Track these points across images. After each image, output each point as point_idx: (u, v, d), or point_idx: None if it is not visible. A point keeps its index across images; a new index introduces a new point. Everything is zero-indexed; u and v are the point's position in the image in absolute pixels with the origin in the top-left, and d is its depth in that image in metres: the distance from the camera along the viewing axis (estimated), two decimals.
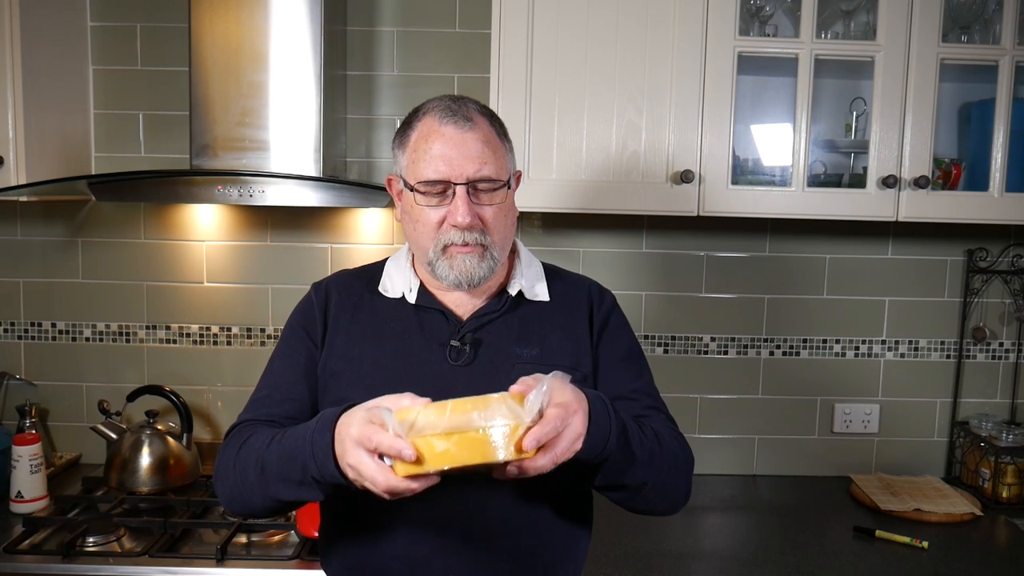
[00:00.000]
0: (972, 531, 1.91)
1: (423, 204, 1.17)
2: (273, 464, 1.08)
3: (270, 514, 1.18)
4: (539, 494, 1.19)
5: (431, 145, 1.16)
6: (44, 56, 1.92)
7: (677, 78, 1.82)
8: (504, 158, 1.20)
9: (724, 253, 2.21)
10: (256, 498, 1.12)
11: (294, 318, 1.30)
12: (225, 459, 1.17)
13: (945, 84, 1.96)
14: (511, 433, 0.91)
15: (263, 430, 1.15)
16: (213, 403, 2.23)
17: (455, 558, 1.17)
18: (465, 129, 1.16)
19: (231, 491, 1.15)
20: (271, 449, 1.09)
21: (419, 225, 1.19)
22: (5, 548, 1.69)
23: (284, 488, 1.07)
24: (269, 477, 1.08)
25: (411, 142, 1.19)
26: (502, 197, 1.19)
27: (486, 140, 1.17)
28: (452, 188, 1.15)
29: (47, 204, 2.16)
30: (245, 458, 1.12)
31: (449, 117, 1.17)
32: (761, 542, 1.82)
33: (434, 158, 1.15)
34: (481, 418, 0.91)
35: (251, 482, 1.11)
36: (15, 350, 2.21)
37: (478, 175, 1.15)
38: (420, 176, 1.16)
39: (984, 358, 2.25)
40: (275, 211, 2.17)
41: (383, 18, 2.13)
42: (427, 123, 1.18)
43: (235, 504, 1.17)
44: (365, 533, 1.20)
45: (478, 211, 1.16)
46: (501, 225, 1.20)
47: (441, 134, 1.16)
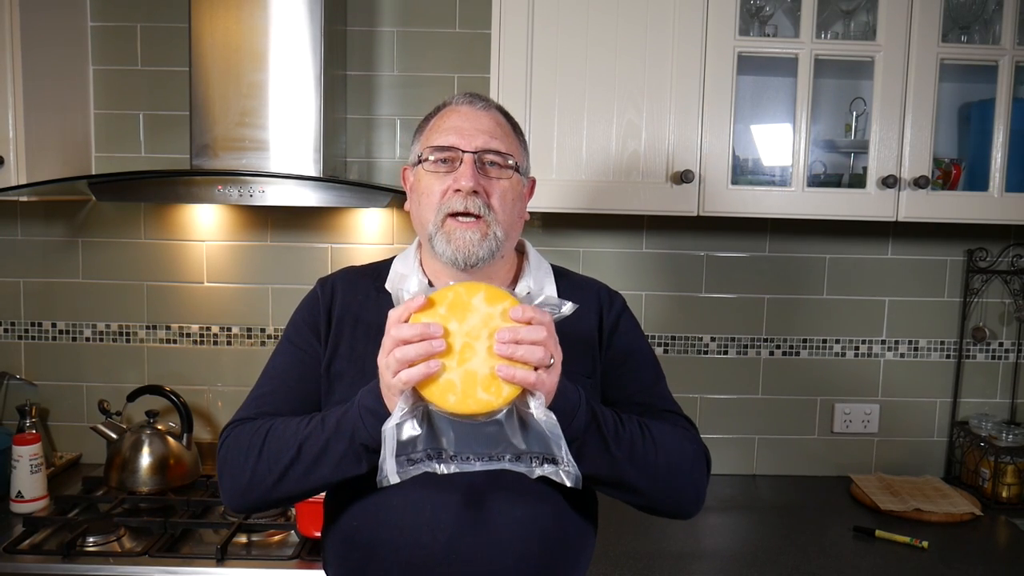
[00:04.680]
0: (972, 531, 1.91)
1: (430, 171, 1.19)
2: (314, 442, 1.09)
3: (284, 504, 1.18)
4: (549, 498, 1.18)
5: (445, 120, 1.22)
6: (44, 56, 1.92)
7: (677, 78, 1.82)
8: (516, 147, 1.24)
9: (724, 253, 2.21)
10: (284, 485, 1.11)
11: (299, 314, 1.29)
12: (238, 453, 1.15)
13: (945, 84, 1.96)
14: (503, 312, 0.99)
15: (285, 419, 1.15)
16: (213, 403, 2.23)
17: (461, 559, 1.15)
18: (479, 108, 1.22)
19: (245, 484, 1.14)
20: (310, 428, 1.10)
21: (423, 198, 1.20)
22: (5, 548, 1.69)
23: (323, 466, 1.08)
24: (306, 458, 1.09)
25: (429, 125, 1.24)
26: (510, 177, 1.20)
27: (499, 123, 1.22)
28: (460, 157, 1.17)
29: (47, 204, 2.16)
30: (275, 445, 1.12)
31: (466, 99, 1.23)
32: (761, 542, 1.82)
33: (446, 130, 1.20)
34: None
35: (281, 468, 1.10)
36: (15, 350, 2.21)
37: (487, 146, 1.18)
38: (431, 143, 1.20)
39: (984, 358, 2.25)
40: (275, 211, 2.17)
41: (383, 18, 2.13)
42: (445, 109, 1.24)
43: (246, 498, 1.15)
44: (369, 535, 1.18)
45: (484, 183, 1.18)
46: (508, 207, 1.20)
47: (456, 111, 1.22)
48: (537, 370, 0.96)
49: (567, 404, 1.04)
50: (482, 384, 0.96)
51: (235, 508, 1.18)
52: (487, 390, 0.96)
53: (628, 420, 1.14)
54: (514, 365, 0.95)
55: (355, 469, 1.08)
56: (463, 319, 0.98)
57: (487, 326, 0.97)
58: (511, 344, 0.95)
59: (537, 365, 0.96)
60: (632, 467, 1.12)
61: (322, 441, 1.09)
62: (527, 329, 0.96)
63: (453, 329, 0.97)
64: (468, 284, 1.00)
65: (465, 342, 0.97)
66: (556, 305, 1.00)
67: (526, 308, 0.97)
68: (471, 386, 0.96)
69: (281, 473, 1.11)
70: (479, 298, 0.98)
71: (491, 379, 0.96)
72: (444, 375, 0.96)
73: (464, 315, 0.98)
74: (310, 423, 1.11)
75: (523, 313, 0.97)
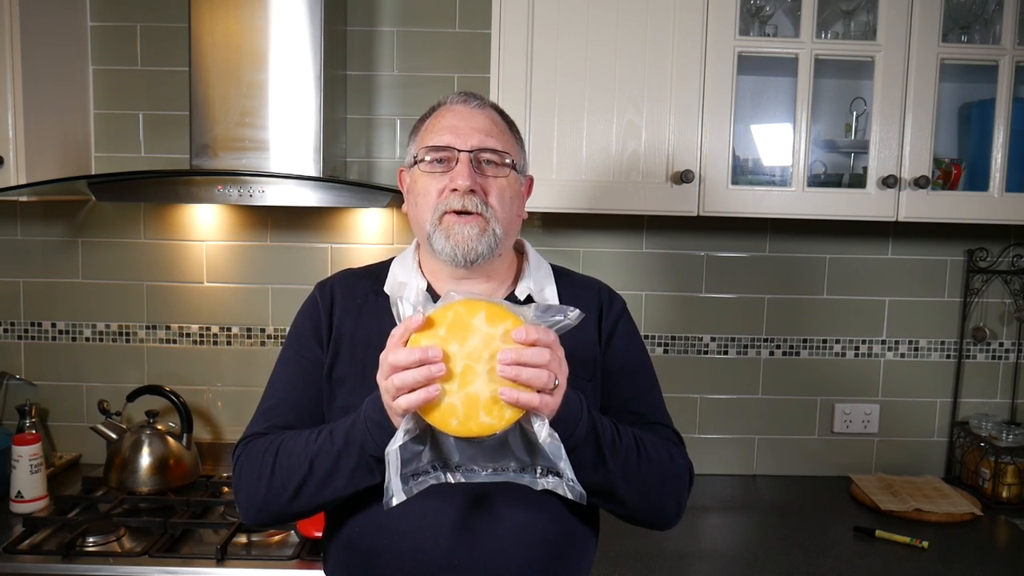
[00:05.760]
0: (972, 531, 1.91)
1: (426, 171, 1.19)
2: (325, 457, 1.09)
3: (304, 516, 1.18)
4: (549, 506, 1.17)
5: (440, 120, 1.21)
6: (44, 56, 1.92)
7: (677, 78, 1.82)
8: (513, 144, 1.23)
9: (724, 253, 2.21)
10: (300, 500, 1.12)
11: (299, 321, 1.29)
12: (251, 471, 1.15)
13: (945, 84, 1.96)
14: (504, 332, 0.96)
15: (294, 434, 1.15)
16: (213, 403, 2.23)
17: (462, 566, 1.15)
18: (475, 107, 1.22)
19: (261, 501, 1.14)
20: (319, 443, 1.10)
21: (420, 198, 1.20)
22: (5, 548, 1.69)
23: (336, 480, 1.08)
24: (319, 473, 1.09)
25: (424, 125, 1.24)
26: (507, 174, 1.20)
27: (494, 121, 1.22)
28: (456, 156, 1.17)
29: (47, 204, 2.16)
30: (287, 462, 1.12)
31: (461, 98, 1.23)
32: (761, 542, 1.82)
33: (442, 129, 1.20)
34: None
35: (295, 485, 1.11)
36: (15, 350, 2.21)
37: (483, 145, 1.18)
38: (426, 143, 1.20)
39: (984, 358, 2.25)
40: (275, 211, 2.17)
41: (383, 18, 2.13)
42: (441, 109, 1.24)
43: (264, 514, 1.15)
44: (370, 541, 1.18)
45: (481, 182, 1.17)
46: (506, 205, 1.19)
47: (452, 110, 1.22)
48: (541, 392, 0.95)
49: (569, 415, 1.03)
50: (484, 408, 0.94)
51: (254, 524, 1.18)
52: (489, 414, 0.94)
53: (624, 432, 1.14)
54: (517, 388, 0.93)
55: (368, 480, 1.09)
56: (464, 341, 0.95)
57: (488, 347, 0.95)
58: (514, 366, 0.93)
59: (541, 389, 0.94)
60: (624, 480, 1.12)
61: (333, 456, 1.09)
62: (531, 352, 0.94)
63: (453, 351, 0.95)
64: (468, 302, 0.97)
65: (466, 364, 0.95)
66: (561, 311, 0.98)
67: (530, 329, 0.94)
68: (473, 409, 0.94)
69: (296, 490, 1.11)
70: (480, 318, 0.96)
71: (493, 402, 0.94)
72: (446, 399, 0.95)
73: (465, 336, 0.95)
74: (319, 437, 1.11)
75: (527, 335, 0.94)
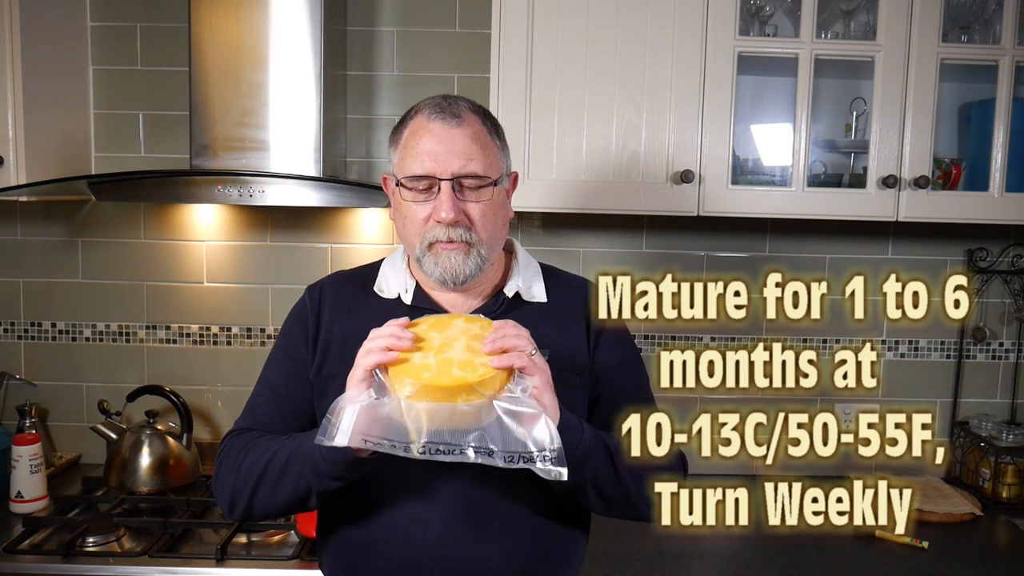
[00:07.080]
0: (972, 531, 1.91)
1: (410, 200, 1.18)
2: (276, 460, 1.12)
3: (270, 517, 1.21)
4: (538, 496, 1.18)
5: (418, 141, 1.17)
6: (44, 56, 1.92)
7: (677, 78, 1.82)
8: (495, 156, 1.20)
9: (724, 253, 2.21)
10: (258, 498, 1.15)
11: (289, 322, 1.32)
12: (227, 466, 1.18)
13: (945, 84, 1.95)
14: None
15: (270, 436, 1.18)
16: (213, 403, 2.23)
17: (452, 556, 1.16)
18: (453, 125, 1.16)
19: (231, 496, 1.18)
20: (278, 446, 1.13)
21: (407, 222, 1.20)
22: (5, 548, 1.69)
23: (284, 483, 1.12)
24: (271, 474, 1.13)
25: (402, 139, 1.20)
26: (489, 195, 1.18)
27: (475, 137, 1.17)
28: (437, 184, 1.16)
29: (47, 204, 2.16)
30: (252, 459, 1.15)
31: (438, 114, 1.17)
32: (761, 542, 1.82)
33: (421, 154, 1.16)
34: None
35: (253, 483, 1.14)
36: (15, 350, 2.21)
37: (464, 171, 1.16)
38: (407, 171, 1.17)
39: (984, 358, 2.25)
40: (275, 211, 2.17)
41: (383, 18, 2.13)
42: (417, 120, 1.19)
43: (235, 510, 1.19)
44: (360, 532, 1.20)
45: (464, 208, 1.16)
46: (490, 223, 1.19)
47: (429, 130, 1.17)
48: None
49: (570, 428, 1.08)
50: (458, 365, 1.01)
51: (229, 517, 1.23)
52: (463, 369, 1.00)
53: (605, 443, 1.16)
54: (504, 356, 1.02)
55: (317, 486, 1.10)
56: (442, 331, 1.07)
57: (465, 335, 1.06)
58: (496, 341, 1.02)
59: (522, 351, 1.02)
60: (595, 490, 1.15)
61: (283, 460, 1.12)
62: (508, 330, 1.05)
63: (432, 336, 1.06)
64: (447, 315, 1.15)
65: (443, 342, 1.04)
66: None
67: (506, 322, 1.06)
68: (447, 366, 1.01)
69: (253, 488, 1.15)
70: (459, 320, 1.10)
71: (467, 362, 1.01)
72: (420, 359, 1.02)
73: (444, 329, 1.07)
74: (283, 441, 1.14)
75: (503, 326, 1.05)
